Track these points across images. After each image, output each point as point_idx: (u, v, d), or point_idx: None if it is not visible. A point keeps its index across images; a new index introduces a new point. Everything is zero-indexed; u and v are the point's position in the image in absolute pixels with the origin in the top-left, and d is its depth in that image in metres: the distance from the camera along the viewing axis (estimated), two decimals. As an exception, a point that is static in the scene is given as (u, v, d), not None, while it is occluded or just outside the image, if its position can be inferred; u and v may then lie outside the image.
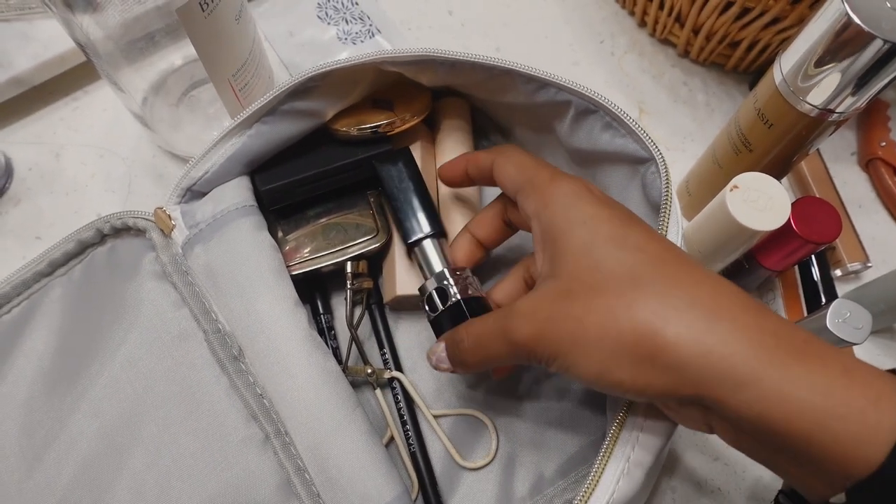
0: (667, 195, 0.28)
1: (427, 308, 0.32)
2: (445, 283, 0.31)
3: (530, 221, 0.27)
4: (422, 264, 0.34)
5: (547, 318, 0.23)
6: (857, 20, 0.27)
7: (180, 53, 0.38)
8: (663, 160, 0.29)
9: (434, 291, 0.31)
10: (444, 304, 0.31)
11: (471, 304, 0.31)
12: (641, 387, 0.22)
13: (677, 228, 0.28)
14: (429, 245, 0.33)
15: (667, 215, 0.28)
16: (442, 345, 0.29)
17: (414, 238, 0.34)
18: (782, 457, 0.21)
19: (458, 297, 0.31)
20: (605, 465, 0.25)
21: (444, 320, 0.31)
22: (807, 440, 0.19)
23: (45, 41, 0.44)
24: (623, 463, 0.25)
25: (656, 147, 0.29)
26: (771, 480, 0.36)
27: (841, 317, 0.31)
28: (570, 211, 0.25)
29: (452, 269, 0.32)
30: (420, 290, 0.33)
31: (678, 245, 0.26)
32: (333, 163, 0.36)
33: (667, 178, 0.28)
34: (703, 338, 0.20)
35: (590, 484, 0.25)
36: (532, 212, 0.27)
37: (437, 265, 0.33)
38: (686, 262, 0.23)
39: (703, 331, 0.20)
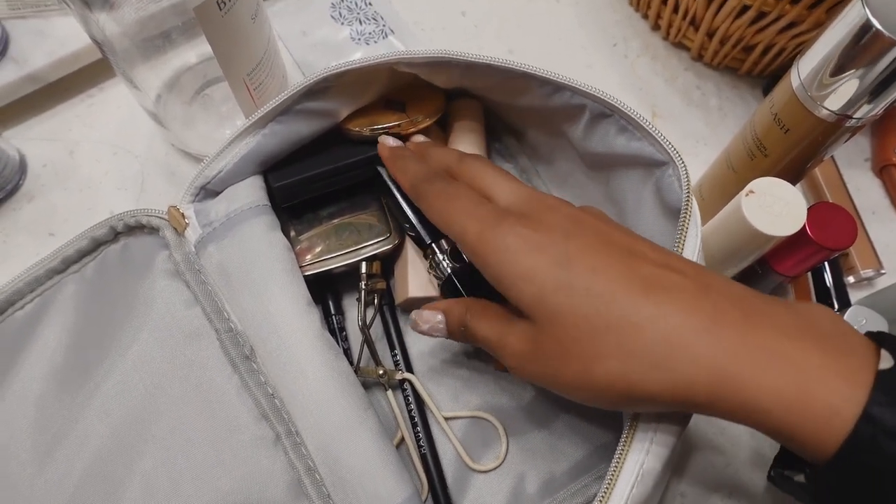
0: (687, 200, 0.28)
1: (446, 262, 0.33)
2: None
3: None
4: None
5: (531, 365, 0.26)
6: (878, 25, 0.27)
7: (195, 52, 0.38)
8: (683, 165, 0.29)
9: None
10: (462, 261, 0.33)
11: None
12: (623, 410, 0.26)
13: (696, 231, 0.27)
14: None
15: (686, 222, 0.28)
16: (440, 316, 0.30)
17: (434, 239, 0.34)
18: None
19: None
20: (619, 471, 0.25)
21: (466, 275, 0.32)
22: (774, 435, 0.22)
23: (61, 38, 0.44)
24: (637, 468, 0.25)
25: (676, 152, 0.29)
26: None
27: (857, 323, 0.31)
28: (508, 268, 0.26)
29: None
30: (431, 249, 0.34)
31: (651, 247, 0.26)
32: (346, 160, 0.36)
33: (687, 183, 0.28)
34: (663, 378, 0.22)
35: (605, 491, 0.25)
36: (474, 263, 0.28)
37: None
38: (635, 292, 0.23)
39: (663, 373, 0.22)
